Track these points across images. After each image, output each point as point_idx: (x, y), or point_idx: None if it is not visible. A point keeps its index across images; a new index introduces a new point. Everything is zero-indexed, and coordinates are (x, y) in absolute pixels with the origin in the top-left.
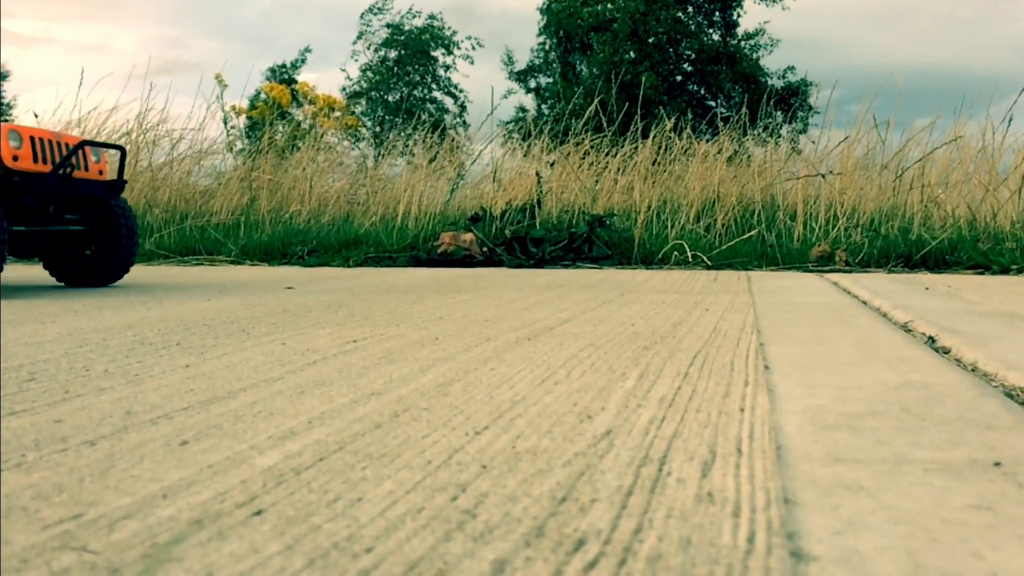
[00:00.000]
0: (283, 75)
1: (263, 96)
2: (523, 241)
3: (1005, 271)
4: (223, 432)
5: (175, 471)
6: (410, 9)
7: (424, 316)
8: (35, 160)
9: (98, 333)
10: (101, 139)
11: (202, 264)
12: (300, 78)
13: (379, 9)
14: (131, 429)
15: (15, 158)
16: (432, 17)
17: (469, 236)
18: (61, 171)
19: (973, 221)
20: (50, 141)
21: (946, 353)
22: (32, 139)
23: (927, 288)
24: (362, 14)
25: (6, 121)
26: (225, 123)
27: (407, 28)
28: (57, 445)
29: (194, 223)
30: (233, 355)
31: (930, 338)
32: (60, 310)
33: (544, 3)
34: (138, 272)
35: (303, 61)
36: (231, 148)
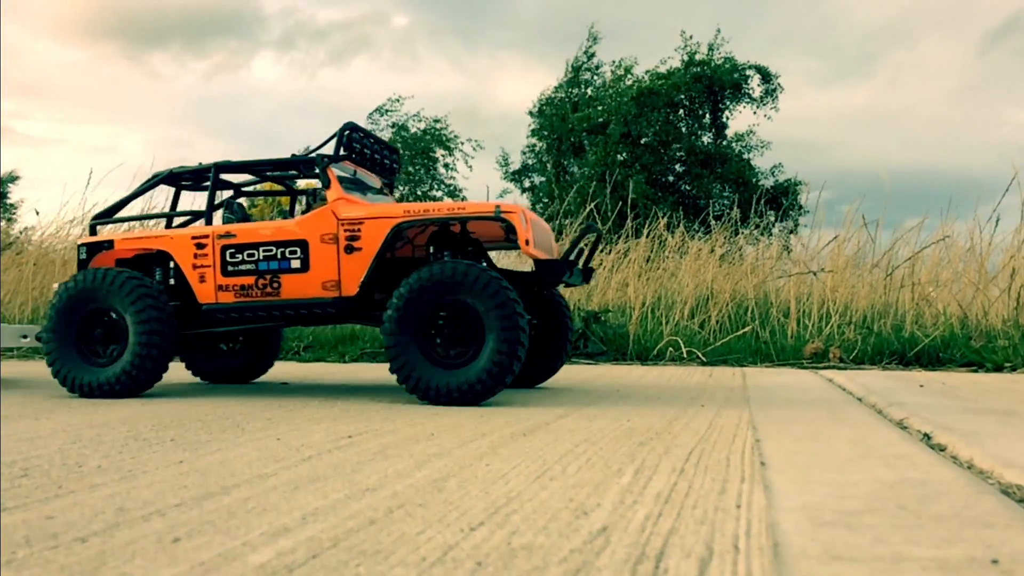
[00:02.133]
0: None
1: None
2: None
3: (999, 369)
4: (216, 528)
5: (166, 568)
6: (417, 113)
7: (419, 411)
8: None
9: (92, 428)
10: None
11: None
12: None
13: (387, 110)
14: (123, 526)
15: (527, 242)
16: (436, 120)
17: None
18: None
19: (965, 319)
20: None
21: (942, 450)
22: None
23: (922, 385)
24: (370, 113)
25: (8, 219)
26: (224, 220)
27: (412, 130)
28: (48, 542)
29: None
30: (227, 450)
31: (925, 435)
32: (55, 405)
33: (536, 107)
34: None
35: None
36: None
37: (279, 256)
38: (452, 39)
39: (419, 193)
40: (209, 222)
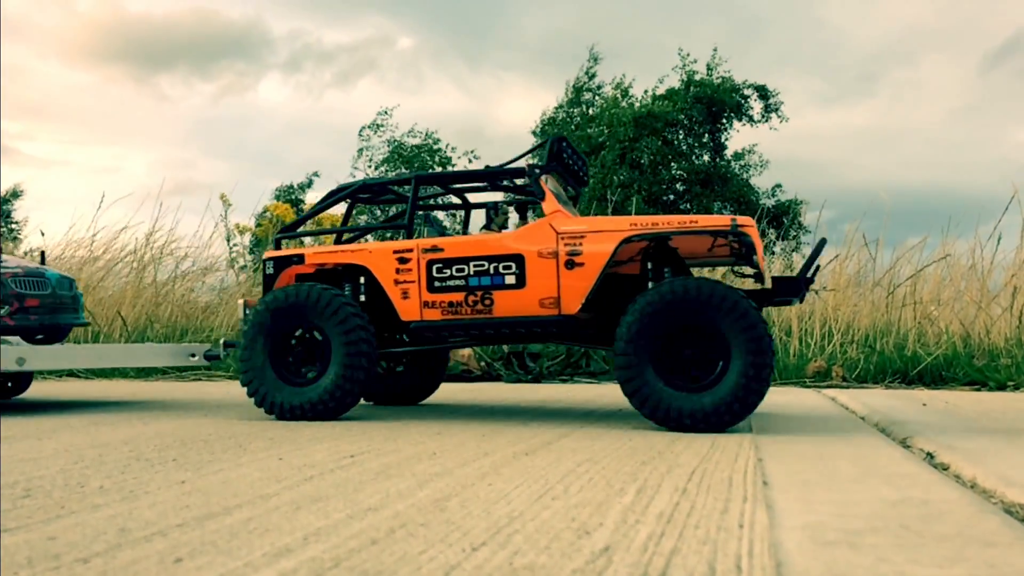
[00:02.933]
0: (290, 195)
1: (268, 215)
2: (521, 356)
3: (1002, 387)
4: (218, 549)
5: None
6: (411, 129)
7: (422, 430)
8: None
9: (94, 449)
10: (106, 257)
11: (200, 380)
12: (307, 197)
13: (378, 125)
14: (125, 546)
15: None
16: (429, 135)
17: (467, 351)
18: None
19: (967, 338)
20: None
21: (945, 469)
22: None
23: (924, 404)
24: (360, 130)
25: (13, 239)
26: (228, 241)
27: (408, 146)
28: (50, 563)
29: (194, 338)
30: (230, 471)
31: (928, 454)
32: (57, 426)
33: (538, 127)
34: (135, 387)
35: (310, 184)
36: (233, 264)
37: (492, 271)
38: (457, 60)
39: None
40: (410, 235)
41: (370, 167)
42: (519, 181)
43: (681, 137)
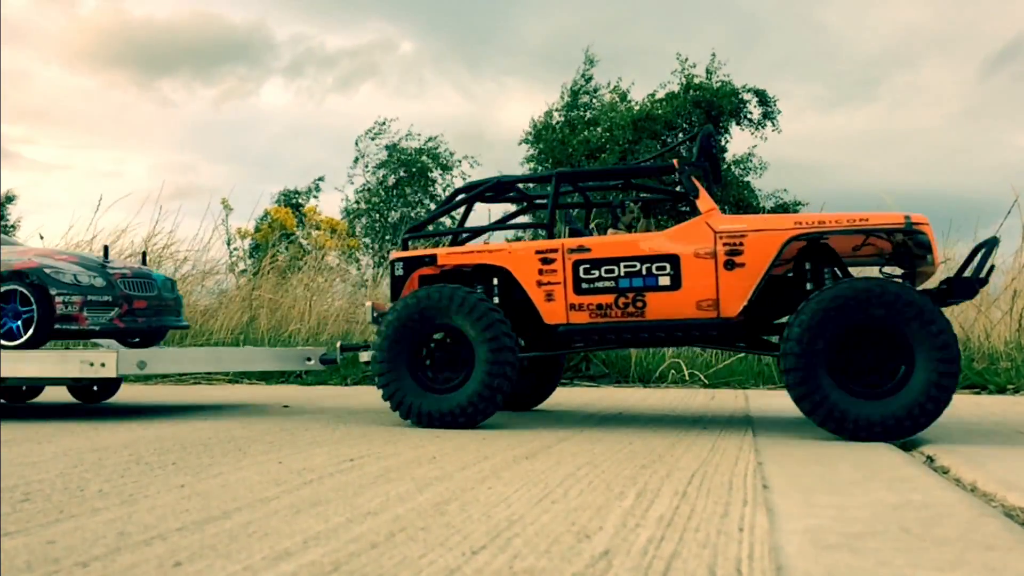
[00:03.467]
0: (292, 199)
1: (268, 219)
2: None
3: (1001, 391)
4: (217, 553)
5: None
6: (408, 132)
7: (421, 434)
8: None
9: (94, 453)
10: None
11: (200, 383)
12: (309, 203)
13: (376, 133)
14: (124, 550)
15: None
16: (430, 139)
17: None
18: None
19: (967, 341)
20: None
21: (945, 473)
22: None
23: None
24: (357, 140)
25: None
26: (228, 244)
27: (407, 150)
28: (50, 567)
29: (194, 342)
30: (229, 474)
31: (929, 458)
32: (56, 430)
33: (531, 134)
34: (136, 391)
35: (317, 189)
36: (233, 268)
37: (644, 272)
38: (458, 65)
39: (413, 216)
40: (551, 235)
41: (367, 171)
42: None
43: (680, 139)
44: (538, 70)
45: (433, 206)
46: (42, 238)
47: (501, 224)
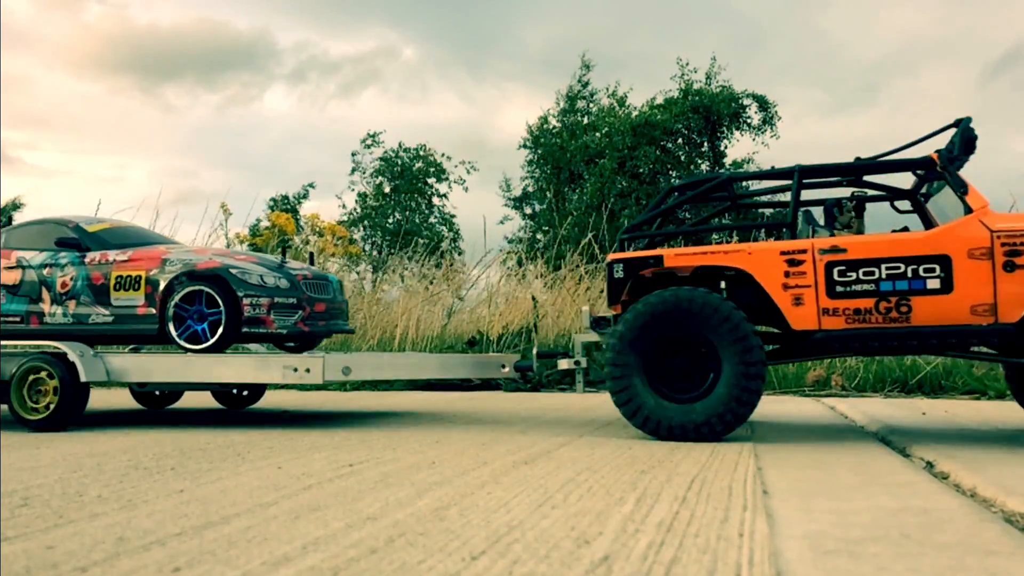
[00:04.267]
0: (285, 206)
1: (266, 224)
2: None
3: (1001, 396)
4: (216, 558)
5: None
6: (400, 144)
7: (421, 439)
8: None
9: (93, 457)
10: None
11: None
12: (303, 208)
13: (369, 145)
14: (123, 555)
15: None
16: (421, 147)
17: None
18: None
19: None
20: None
21: (945, 478)
22: None
23: (924, 413)
24: (353, 152)
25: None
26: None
27: (400, 159)
28: (49, 572)
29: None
30: (228, 479)
31: (928, 463)
32: (55, 435)
33: (529, 140)
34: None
35: (306, 196)
36: None
37: (909, 274)
38: (460, 71)
39: (417, 221)
40: (794, 235)
41: (364, 178)
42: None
43: (679, 145)
44: (540, 75)
45: (429, 212)
46: None
47: (716, 225)
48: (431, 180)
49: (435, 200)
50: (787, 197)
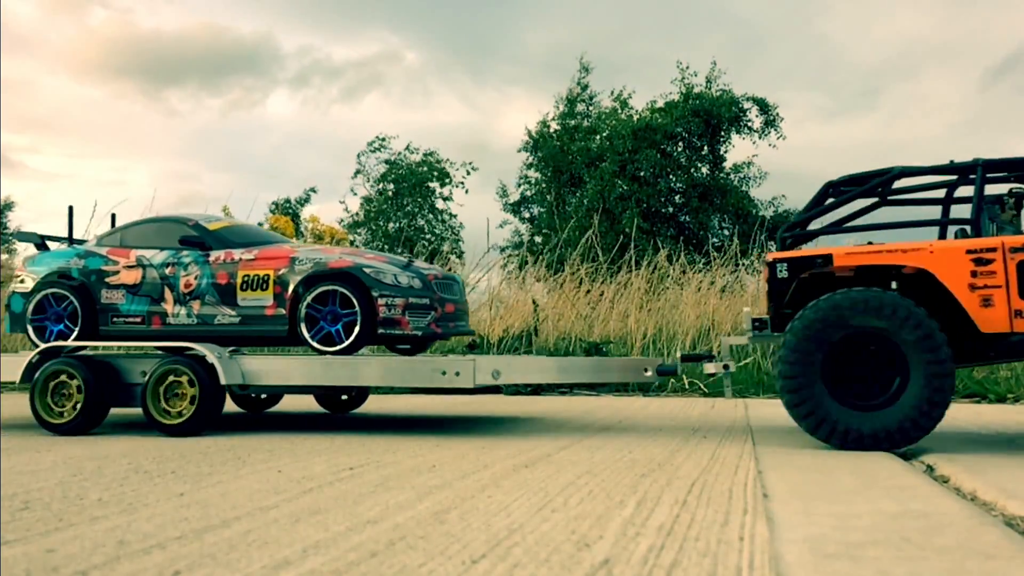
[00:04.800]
0: (287, 209)
1: (267, 227)
2: None
3: (1001, 400)
4: (216, 562)
5: None
6: (408, 146)
7: (421, 442)
8: None
9: (93, 461)
10: None
11: None
12: (304, 212)
13: (376, 148)
14: (124, 559)
15: None
16: (428, 153)
17: None
18: None
19: None
20: None
21: (945, 482)
22: None
23: None
24: (359, 154)
25: (8, 251)
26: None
27: (405, 163)
28: (49, 575)
29: None
30: (228, 483)
31: (928, 466)
32: (55, 439)
33: (529, 144)
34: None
35: (307, 200)
36: None
37: None
38: (462, 75)
39: (420, 223)
40: (978, 233)
41: (367, 183)
42: None
43: (680, 149)
44: (541, 79)
45: (432, 216)
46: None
47: (891, 223)
48: (433, 184)
49: (439, 204)
50: (940, 194)
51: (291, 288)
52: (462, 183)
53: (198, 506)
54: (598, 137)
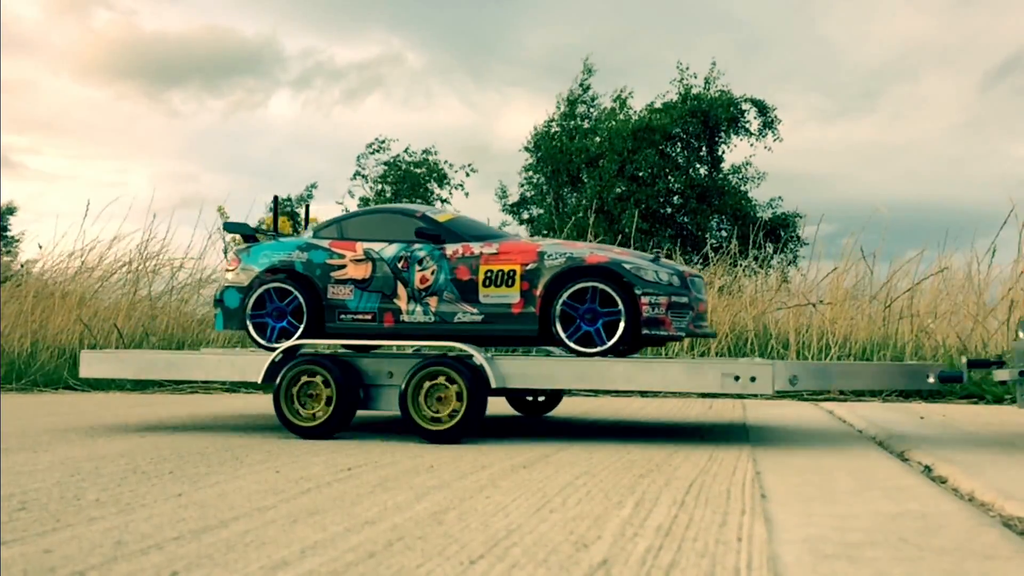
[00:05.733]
0: (286, 208)
1: (265, 227)
2: None
3: (999, 401)
4: (214, 562)
5: None
6: (407, 148)
7: (419, 444)
8: None
9: (91, 462)
10: (101, 268)
11: (196, 392)
12: (302, 211)
13: (375, 150)
14: (121, 559)
15: None
16: (427, 152)
17: None
18: None
19: (964, 351)
20: None
21: (943, 482)
22: None
23: (922, 417)
24: (359, 157)
25: (8, 253)
26: (225, 253)
27: (404, 165)
28: None
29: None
30: (226, 483)
31: (926, 467)
32: (53, 439)
33: (531, 143)
34: (133, 400)
35: (310, 196)
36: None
37: None
38: (463, 76)
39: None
40: None
41: (367, 184)
42: None
43: (679, 150)
44: (542, 80)
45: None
46: (40, 247)
47: None
48: (432, 185)
49: (436, 205)
50: None
51: (541, 284)
52: (461, 185)
53: (196, 507)
54: (597, 137)
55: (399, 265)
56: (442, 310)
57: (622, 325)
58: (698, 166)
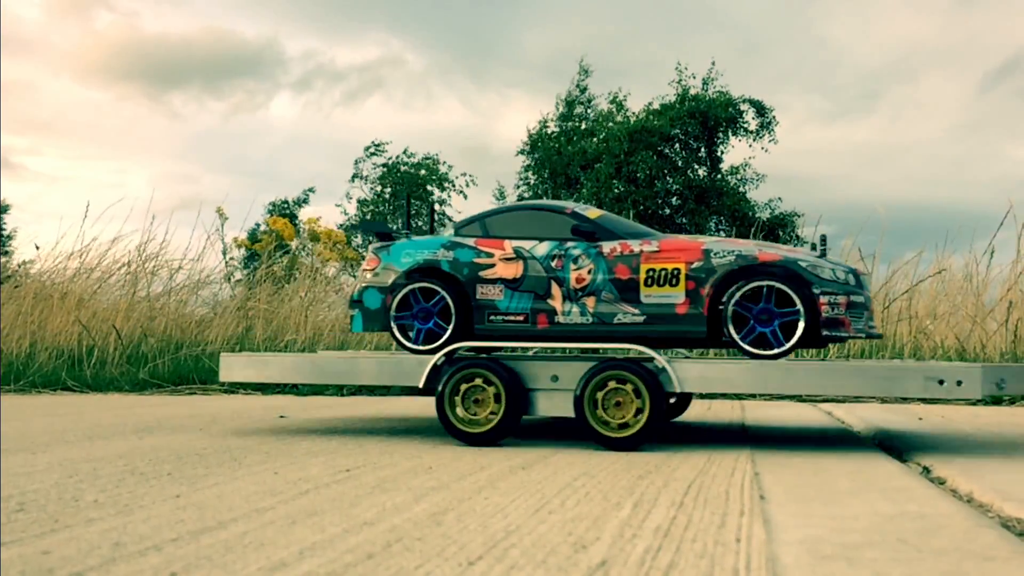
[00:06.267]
0: (284, 210)
1: (264, 228)
2: None
3: (997, 402)
4: (212, 563)
5: None
6: (405, 150)
7: (417, 444)
8: None
9: (89, 463)
10: (99, 269)
11: (195, 393)
12: (301, 213)
13: (372, 153)
14: (119, 560)
15: None
16: (427, 157)
17: None
18: None
19: (963, 352)
20: None
21: (942, 483)
22: None
23: (921, 418)
24: (356, 160)
25: (5, 252)
26: (224, 254)
27: (403, 168)
28: None
29: (189, 352)
30: (224, 484)
31: (925, 468)
32: (51, 440)
33: (527, 145)
34: (131, 401)
35: (306, 200)
36: (229, 278)
37: None
38: (463, 78)
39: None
40: None
41: (365, 184)
42: None
43: (677, 151)
44: (542, 81)
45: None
46: (37, 248)
47: None
48: (431, 187)
49: (436, 207)
50: None
51: (709, 284)
52: (462, 191)
53: (194, 508)
54: (594, 139)
55: (553, 264)
56: (600, 311)
57: (801, 325)
58: (696, 167)
